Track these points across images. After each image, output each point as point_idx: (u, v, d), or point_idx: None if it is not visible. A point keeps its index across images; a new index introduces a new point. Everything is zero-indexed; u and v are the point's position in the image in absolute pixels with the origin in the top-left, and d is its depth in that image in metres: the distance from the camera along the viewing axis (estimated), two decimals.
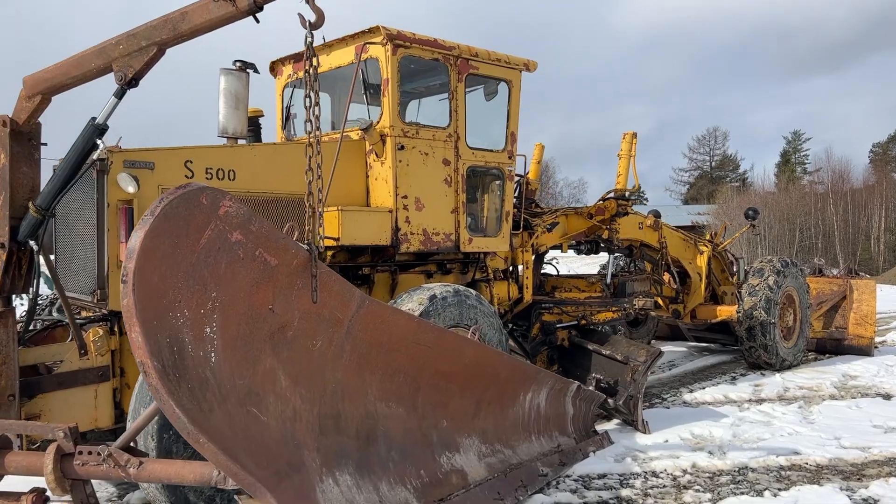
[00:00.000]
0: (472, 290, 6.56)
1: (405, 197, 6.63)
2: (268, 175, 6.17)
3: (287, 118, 7.80)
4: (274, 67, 7.85)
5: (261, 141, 7.31)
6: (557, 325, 8.38)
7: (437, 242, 6.88)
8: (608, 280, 9.16)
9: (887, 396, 8.79)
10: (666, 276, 10.91)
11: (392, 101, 6.56)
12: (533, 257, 9.22)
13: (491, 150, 7.36)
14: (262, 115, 7.40)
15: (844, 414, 7.84)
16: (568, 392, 6.48)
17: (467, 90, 7.77)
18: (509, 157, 7.47)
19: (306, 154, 3.96)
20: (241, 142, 6.58)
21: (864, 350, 11.66)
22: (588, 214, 9.07)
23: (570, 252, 10.26)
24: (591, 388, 7.12)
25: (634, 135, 9.18)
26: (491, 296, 7.49)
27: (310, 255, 3.90)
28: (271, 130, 7.94)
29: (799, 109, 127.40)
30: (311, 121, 3.97)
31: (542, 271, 9.81)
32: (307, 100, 3.95)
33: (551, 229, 8.40)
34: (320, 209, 4.07)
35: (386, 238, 6.51)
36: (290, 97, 7.74)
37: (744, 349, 10.30)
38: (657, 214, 11.46)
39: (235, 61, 6.82)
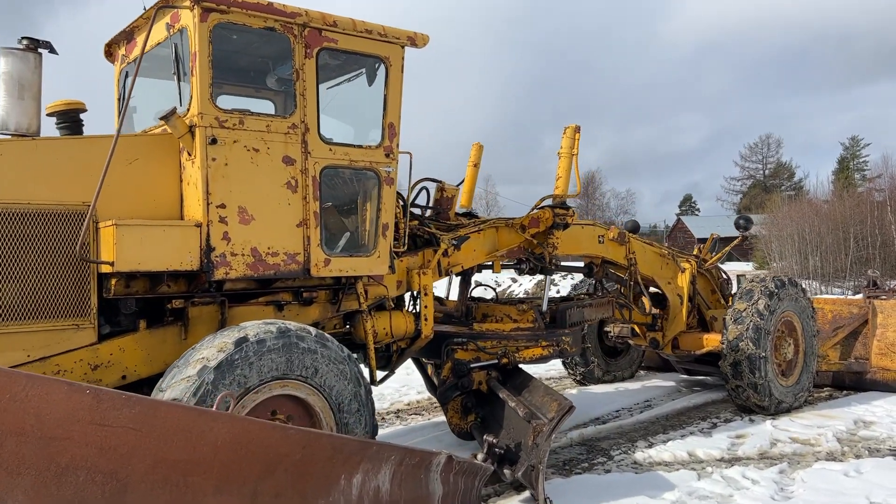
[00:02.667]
0: (311, 330, 4.97)
1: (222, 206, 5.06)
2: (21, 181, 4.68)
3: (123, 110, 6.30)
4: (109, 51, 6.39)
5: None
6: (471, 366, 6.71)
7: (275, 265, 5.29)
8: (543, 307, 7.43)
9: None
10: (647, 303, 9.13)
11: (201, 81, 5.01)
12: (457, 279, 7.60)
13: (358, 147, 5.75)
14: (85, 110, 5.91)
15: (836, 484, 5.99)
16: (432, 466, 4.82)
17: (347, 76, 6.27)
18: (387, 156, 5.84)
19: None
20: None
21: (891, 386, 9.67)
22: (520, 226, 7.37)
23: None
24: (480, 455, 5.44)
25: (577, 129, 7.46)
26: (365, 332, 5.86)
27: None
28: (109, 125, 6.46)
29: (861, 115, 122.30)
30: None
31: (473, 295, 8.13)
32: None
33: (459, 245, 6.72)
34: None
35: (192, 261, 4.95)
36: (124, 84, 6.26)
37: (729, 389, 8.44)
38: (634, 227, 9.74)
39: (21, 38, 5.38)
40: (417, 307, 6.60)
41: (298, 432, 3.93)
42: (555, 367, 11.28)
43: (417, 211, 7.12)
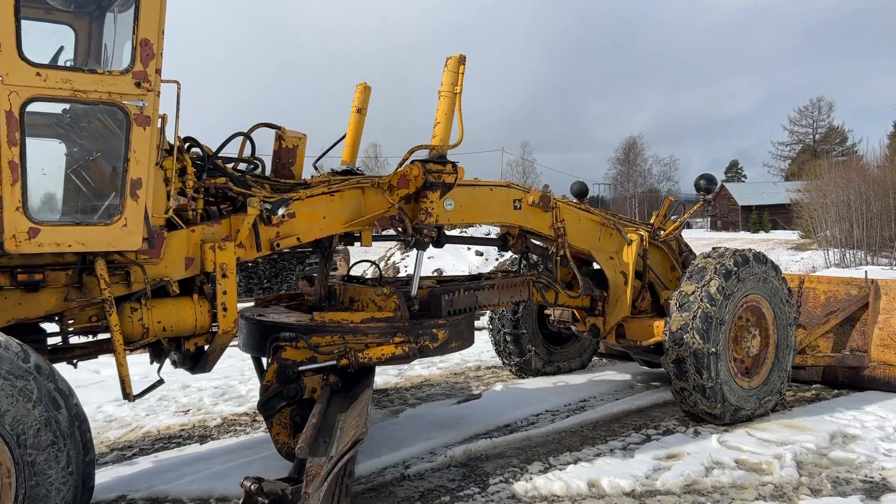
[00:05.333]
0: None
1: None
2: None
3: None
4: None
5: None
6: (300, 368, 5.15)
7: None
8: (412, 291, 5.79)
9: (877, 490, 5.16)
10: (581, 281, 7.46)
11: None
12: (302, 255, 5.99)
13: (90, 72, 4.15)
14: None
15: None
16: None
17: None
18: (138, 85, 4.23)
19: None
20: None
21: (894, 385, 7.87)
22: (388, 187, 5.74)
23: None
24: None
25: (461, 60, 5.74)
26: (111, 328, 4.32)
27: None
28: None
29: None
30: None
31: (348, 275, 6.56)
32: None
33: (276, 210, 5.08)
34: None
35: None
36: None
37: (674, 392, 6.74)
38: (581, 190, 8.04)
39: None
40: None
41: None
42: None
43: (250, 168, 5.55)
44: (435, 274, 20.44)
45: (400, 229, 5.71)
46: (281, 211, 5.05)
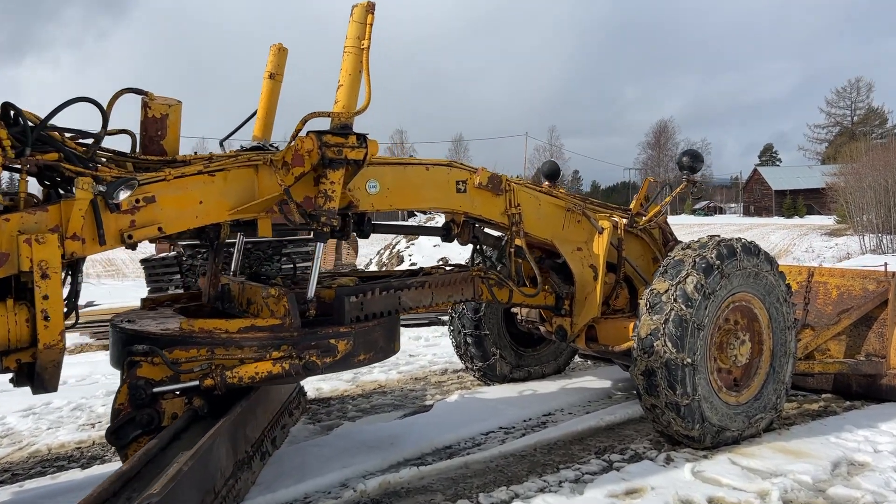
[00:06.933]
0: None
1: None
2: None
3: None
4: None
5: None
6: (154, 390, 4.18)
7: None
8: (309, 292, 4.75)
9: None
10: (538, 276, 6.45)
11: None
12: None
13: None
14: None
15: None
16: None
17: None
18: None
19: None
20: None
21: None
22: (283, 164, 4.72)
23: None
24: None
25: (370, 7, 4.71)
26: None
27: None
28: None
29: None
30: None
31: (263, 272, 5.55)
32: None
33: (115, 194, 4.05)
34: None
35: None
36: None
37: (644, 409, 5.65)
38: (552, 171, 7.00)
39: None
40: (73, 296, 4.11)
41: None
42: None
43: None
44: (440, 263, 19.41)
45: (287, 218, 4.68)
46: (122, 195, 4.04)
